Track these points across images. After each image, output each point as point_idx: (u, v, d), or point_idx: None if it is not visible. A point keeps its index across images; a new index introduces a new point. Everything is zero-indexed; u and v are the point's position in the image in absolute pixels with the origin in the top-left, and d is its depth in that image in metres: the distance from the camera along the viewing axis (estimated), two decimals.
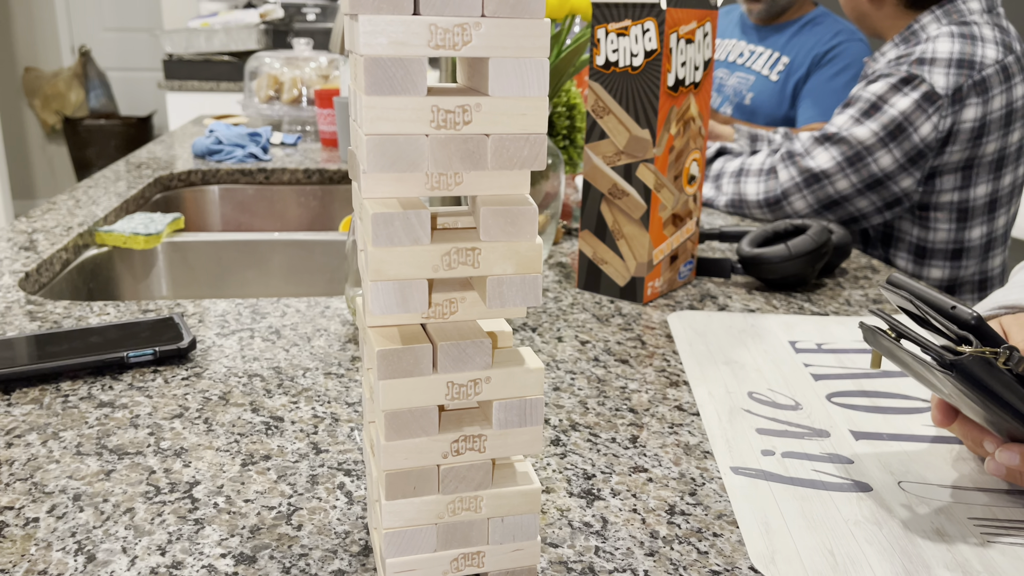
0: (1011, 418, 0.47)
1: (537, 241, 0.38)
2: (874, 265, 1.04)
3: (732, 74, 2.00)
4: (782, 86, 1.92)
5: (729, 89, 1.99)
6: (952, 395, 0.49)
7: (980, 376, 0.45)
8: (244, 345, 0.73)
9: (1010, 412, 0.47)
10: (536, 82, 0.36)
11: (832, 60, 1.88)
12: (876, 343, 0.52)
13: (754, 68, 1.97)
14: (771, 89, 1.93)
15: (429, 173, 0.36)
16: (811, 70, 1.90)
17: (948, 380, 0.46)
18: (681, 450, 0.58)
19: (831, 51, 1.88)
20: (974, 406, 0.48)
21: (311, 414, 0.61)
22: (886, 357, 0.53)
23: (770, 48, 1.97)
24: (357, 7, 0.33)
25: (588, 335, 0.79)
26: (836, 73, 1.87)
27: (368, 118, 0.34)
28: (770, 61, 1.95)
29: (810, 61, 1.90)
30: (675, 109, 0.83)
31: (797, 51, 1.93)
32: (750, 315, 0.84)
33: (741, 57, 2.00)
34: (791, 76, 1.91)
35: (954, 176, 1.21)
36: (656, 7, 0.78)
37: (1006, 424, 0.48)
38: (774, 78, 1.93)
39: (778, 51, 1.95)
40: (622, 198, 0.86)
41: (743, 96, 1.96)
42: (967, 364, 0.45)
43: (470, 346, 0.38)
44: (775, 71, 1.93)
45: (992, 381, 0.45)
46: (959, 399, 0.49)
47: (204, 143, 1.59)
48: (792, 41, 1.95)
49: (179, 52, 3.18)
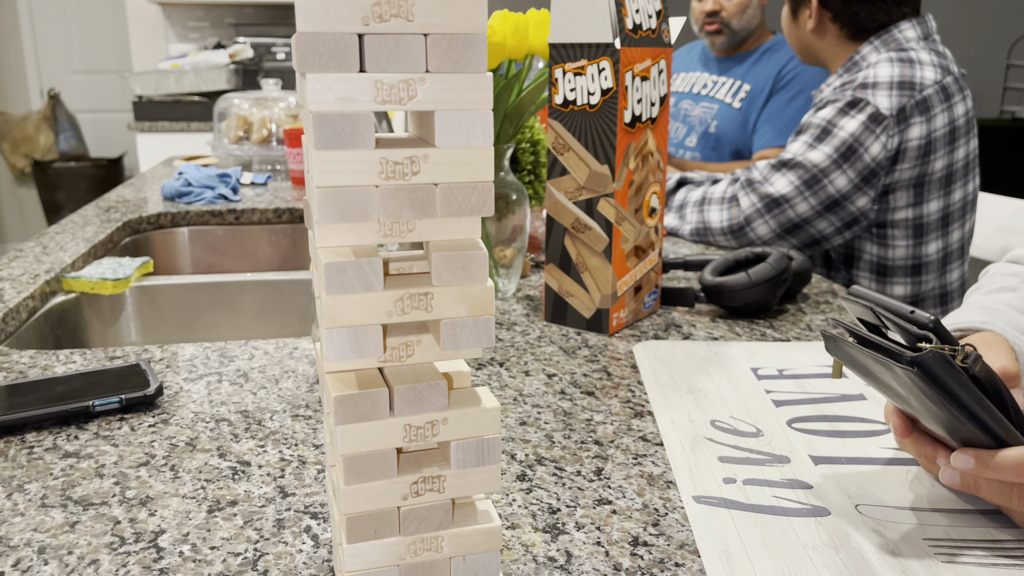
0: (967, 419, 0.48)
1: (488, 284, 0.39)
2: (834, 290, 1.07)
3: (697, 105, 2.05)
4: (745, 113, 1.98)
5: (694, 119, 2.05)
6: (911, 398, 0.50)
7: (939, 373, 0.46)
8: (212, 389, 0.74)
9: (966, 413, 0.48)
10: (481, 133, 0.37)
11: (788, 85, 1.95)
12: (838, 351, 0.53)
13: (717, 97, 2.03)
14: (734, 116, 1.99)
15: (381, 221, 0.37)
16: (771, 95, 1.95)
17: (908, 378, 0.47)
18: (645, 481, 0.58)
19: (787, 76, 1.95)
20: (932, 408, 0.49)
21: (278, 457, 0.61)
22: (847, 366, 0.54)
23: (732, 77, 2.04)
24: (305, 66, 0.34)
25: (555, 368, 0.80)
26: (792, 97, 1.93)
27: (318, 171, 0.35)
28: (732, 89, 2.01)
29: (770, 87, 1.96)
30: (633, 144, 0.85)
31: (757, 78, 1.99)
32: (714, 343, 0.86)
33: (705, 88, 2.06)
34: (753, 103, 1.97)
35: (906, 193, 1.25)
36: (611, 47, 0.81)
37: (961, 428, 0.49)
38: (737, 105, 1.98)
39: (739, 80, 2.02)
40: (585, 232, 0.87)
41: (708, 125, 2.02)
42: (927, 360, 0.46)
43: (426, 388, 0.39)
44: (737, 99, 1.99)
45: (950, 380, 0.47)
46: (917, 402, 0.50)
47: (173, 185, 1.59)
48: (752, 69, 2.01)
49: (149, 94, 3.18)
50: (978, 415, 0.47)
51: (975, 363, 0.46)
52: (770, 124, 1.94)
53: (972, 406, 0.47)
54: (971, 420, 0.47)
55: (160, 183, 1.81)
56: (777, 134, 1.92)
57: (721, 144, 2.00)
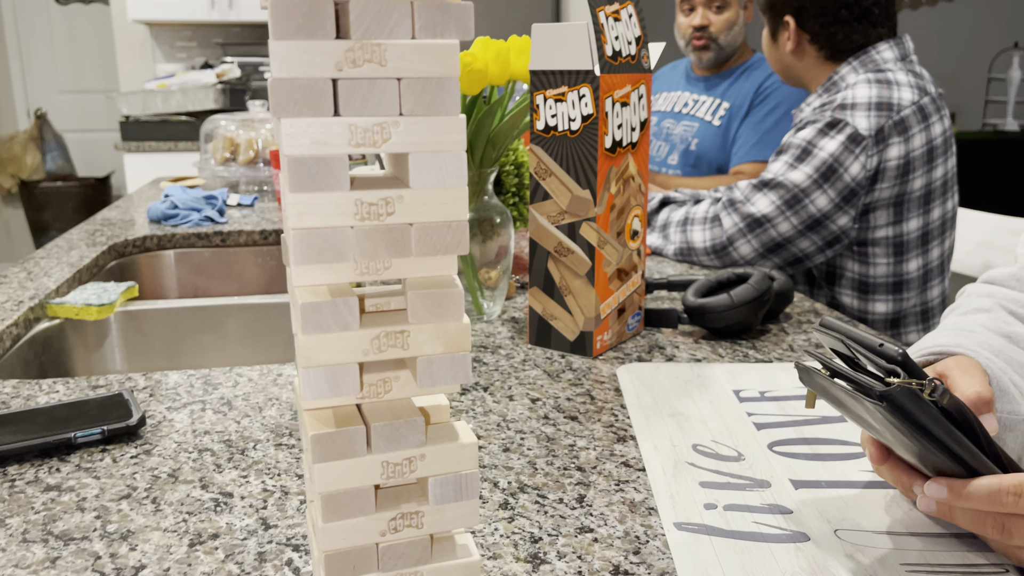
0: (938, 451, 0.49)
1: (464, 321, 0.39)
2: (816, 309, 1.08)
3: (678, 123, 2.10)
4: (724, 130, 2.02)
5: (676, 137, 2.09)
6: (884, 431, 0.51)
7: (908, 407, 0.47)
8: (195, 418, 0.74)
9: (936, 445, 0.48)
10: (455, 173, 0.37)
11: (765, 100, 2.00)
12: (811, 382, 0.54)
13: (698, 115, 2.07)
14: (714, 133, 2.03)
15: (357, 261, 0.38)
16: (749, 111, 2.00)
17: (879, 412, 0.48)
18: (627, 507, 0.59)
19: (765, 92, 2.00)
20: (904, 440, 0.50)
21: (261, 488, 0.61)
22: (821, 396, 0.55)
23: (712, 96, 2.08)
24: (280, 111, 0.35)
25: (539, 392, 0.80)
26: (768, 112, 1.98)
27: (293, 214, 0.36)
28: (712, 107, 2.06)
29: (749, 103, 2.01)
30: (614, 169, 0.86)
31: (736, 96, 2.04)
32: (696, 365, 0.86)
33: (686, 107, 2.11)
34: (732, 120, 2.02)
35: (886, 212, 1.26)
36: (590, 73, 0.82)
37: (934, 458, 0.50)
38: (716, 123, 2.03)
39: (719, 97, 2.06)
40: (568, 256, 0.88)
41: (689, 143, 2.06)
42: (896, 395, 0.47)
43: (403, 425, 0.39)
44: (717, 116, 2.03)
45: (919, 413, 0.47)
46: (890, 435, 0.51)
47: (159, 208, 1.59)
48: (732, 87, 2.06)
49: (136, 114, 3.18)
50: (949, 446, 0.48)
51: (943, 396, 0.47)
52: (747, 139, 1.98)
53: (942, 437, 0.48)
54: (942, 451, 0.48)
55: (147, 205, 1.81)
56: (754, 148, 1.96)
57: (701, 161, 2.04)
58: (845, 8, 1.32)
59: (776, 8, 1.39)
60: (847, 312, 1.37)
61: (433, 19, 0.35)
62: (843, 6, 1.32)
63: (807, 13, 1.35)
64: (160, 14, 3.47)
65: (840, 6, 1.32)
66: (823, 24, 1.34)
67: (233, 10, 3.52)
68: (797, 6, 1.36)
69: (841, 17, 1.33)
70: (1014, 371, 0.66)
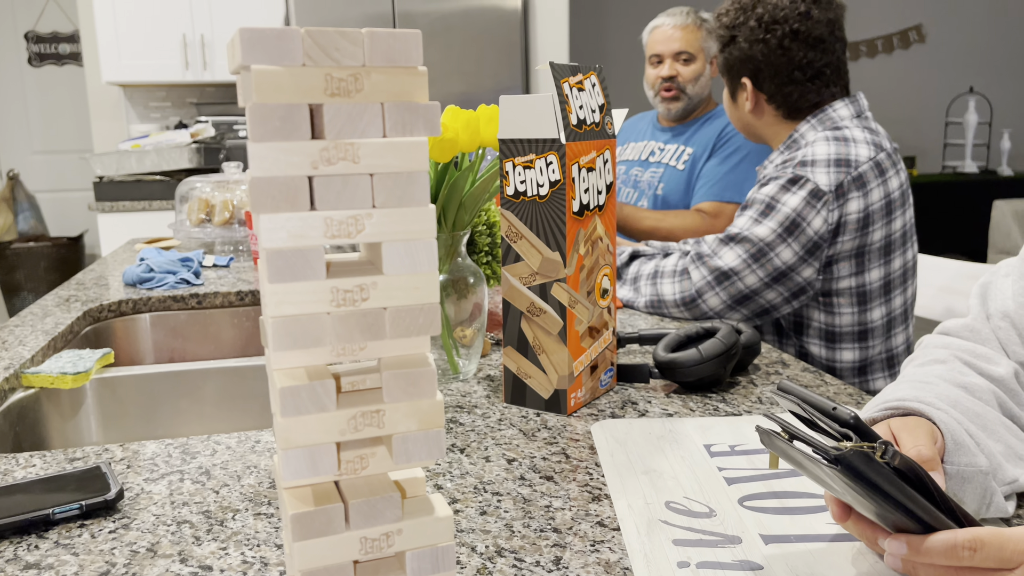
0: (894, 509, 0.51)
1: (438, 398, 0.41)
2: (784, 359, 1.10)
3: (646, 171, 2.22)
4: (688, 174, 2.14)
5: (644, 184, 2.22)
6: (843, 492, 0.53)
7: (862, 469, 0.49)
8: (173, 489, 0.74)
9: (892, 503, 0.51)
10: (426, 260, 0.40)
11: (725, 145, 2.11)
12: (772, 445, 0.56)
13: (663, 161, 2.19)
14: (679, 177, 2.15)
15: (334, 344, 0.39)
16: (711, 155, 2.13)
17: (836, 475, 0.50)
18: (602, 568, 0.60)
19: (725, 136, 2.12)
20: (862, 500, 0.52)
21: (240, 560, 0.62)
22: (782, 458, 0.57)
23: (677, 143, 2.21)
24: (259, 208, 0.37)
25: (515, 452, 0.81)
26: (726, 157, 2.09)
27: (272, 302, 0.38)
28: (676, 153, 2.18)
29: (710, 148, 2.13)
30: (582, 231, 0.89)
31: (699, 142, 2.16)
32: (668, 420, 0.88)
33: (652, 155, 2.23)
34: (696, 164, 2.13)
35: (849, 263, 1.31)
36: (556, 142, 0.85)
37: (891, 516, 0.52)
38: (681, 167, 2.14)
39: (683, 144, 2.19)
40: (540, 315, 0.90)
41: (656, 187, 2.18)
42: (849, 458, 0.49)
43: (380, 501, 0.41)
44: (681, 161, 2.15)
45: (873, 474, 0.50)
46: (849, 495, 0.53)
47: (135, 272, 1.60)
48: (696, 135, 2.19)
49: (110, 174, 3.19)
50: (904, 504, 0.50)
51: (894, 457, 0.49)
52: (708, 180, 2.09)
53: (897, 496, 0.50)
54: (898, 509, 0.50)
55: (121, 267, 1.81)
56: (714, 188, 2.07)
57: (668, 204, 2.16)
58: (798, 70, 1.38)
59: (733, 70, 1.45)
60: (815, 361, 1.40)
61: (403, 118, 0.38)
62: (796, 68, 1.38)
63: (762, 75, 1.41)
64: (134, 76, 3.51)
65: (793, 68, 1.38)
66: (778, 85, 1.40)
67: (207, 71, 3.57)
68: (752, 68, 1.41)
69: (795, 78, 1.39)
70: (971, 421, 0.69)
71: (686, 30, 2.17)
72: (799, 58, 1.37)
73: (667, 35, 2.18)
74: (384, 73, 0.37)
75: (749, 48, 1.40)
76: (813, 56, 1.37)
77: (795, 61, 1.37)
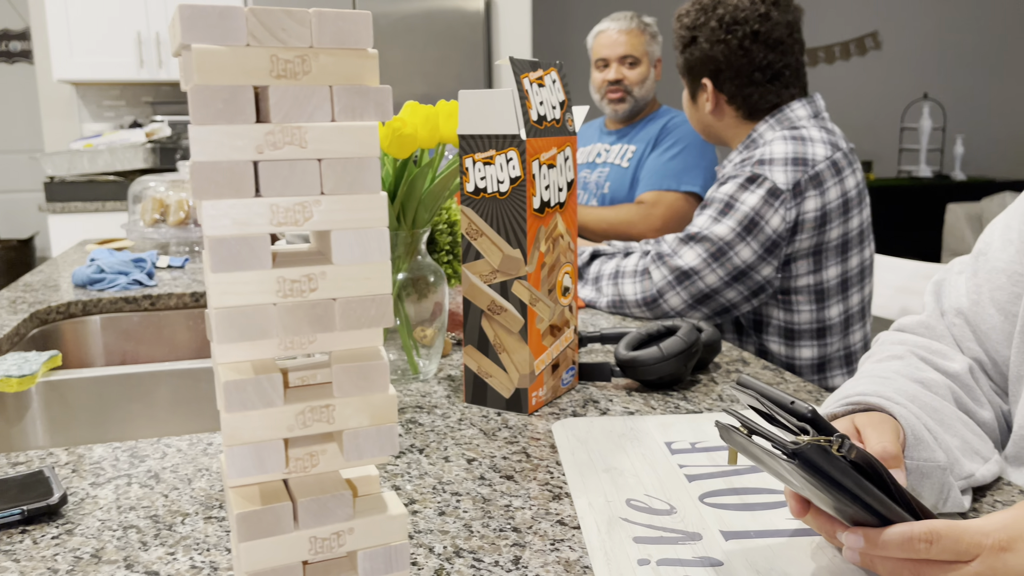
0: (851, 503, 0.51)
1: (391, 393, 0.40)
2: (744, 357, 1.11)
3: (593, 171, 2.29)
4: (633, 170, 2.20)
5: (592, 184, 2.28)
6: (801, 486, 0.53)
7: (819, 463, 0.49)
8: (120, 494, 0.71)
9: (849, 497, 0.51)
10: (377, 249, 0.38)
11: (665, 138, 2.19)
12: (731, 440, 0.56)
13: (609, 161, 2.26)
14: (623, 175, 2.21)
15: (281, 337, 0.38)
16: (654, 148, 2.20)
17: (793, 469, 0.50)
18: (562, 567, 0.59)
19: (667, 131, 2.20)
20: (820, 494, 0.52)
21: (189, 565, 0.60)
22: (741, 453, 0.57)
23: (622, 143, 2.28)
24: (201, 194, 0.35)
25: (475, 452, 0.80)
26: (666, 148, 2.16)
27: (215, 293, 0.36)
28: (621, 152, 2.24)
29: (652, 143, 2.20)
30: (543, 229, 0.88)
31: (642, 140, 2.23)
32: (630, 418, 0.88)
33: (599, 156, 2.31)
34: (640, 160, 2.20)
35: (807, 261, 1.32)
36: (517, 138, 0.84)
37: (848, 510, 0.52)
38: (625, 165, 2.21)
39: (628, 143, 2.26)
40: (500, 314, 0.89)
41: (603, 187, 2.25)
42: (806, 452, 0.49)
43: (331, 500, 0.39)
44: (625, 159, 2.22)
45: (830, 468, 0.49)
46: (807, 489, 0.53)
47: (85, 272, 1.55)
48: (639, 134, 2.25)
49: (61, 174, 3.11)
50: (861, 497, 0.50)
51: (851, 451, 0.49)
52: (648, 171, 2.16)
53: (854, 490, 0.50)
54: (855, 502, 0.50)
55: (72, 269, 1.76)
56: (655, 178, 2.13)
57: (615, 202, 2.22)
58: (758, 71, 1.39)
59: (694, 71, 1.46)
60: (775, 358, 1.41)
61: (352, 102, 0.36)
62: (756, 69, 1.39)
63: (723, 76, 1.42)
64: (87, 74, 3.43)
65: (754, 69, 1.39)
66: (739, 86, 1.41)
67: (163, 69, 3.50)
68: (713, 69, 1.42)
69: (755, 79, 1.40)
70: (928, 416, 0.69)
71: (631, 34, 2.22)
72: (759, 59, 1.38)
73: (612, 39, 2.22)
74: (333, 55, 0.36)
75: (710, 48, 1.41)
76: (773, 57, 1.38)
77: (755, 62, 1.39)
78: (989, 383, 0.80)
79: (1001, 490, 0.71)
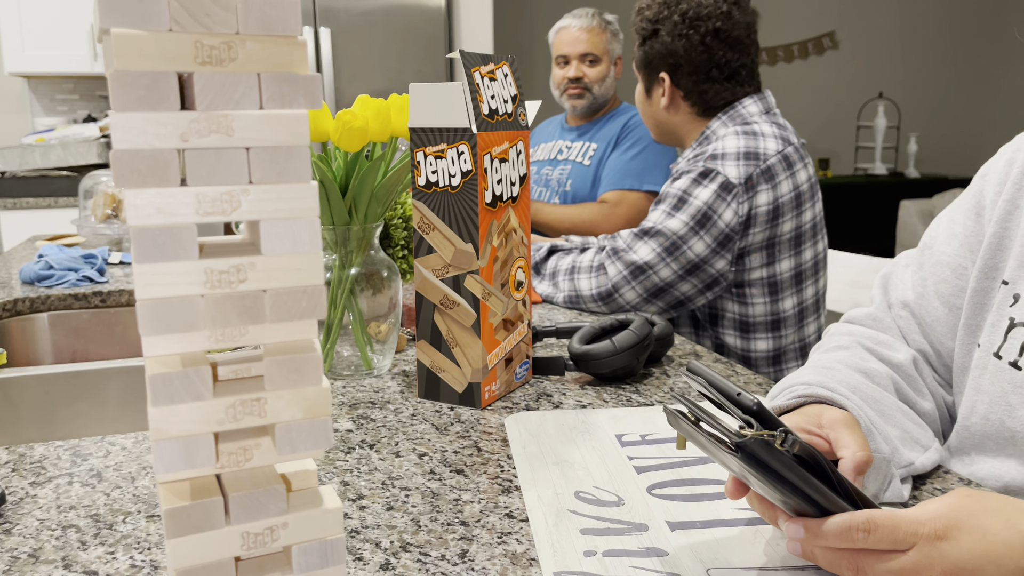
0: (793, 494, 0.52)
1: (324, 385, 0.39)
2: (698, 351, 1.12)
3: (555, 169, 2.29)
4: (594, 169, 2.21)
5: (554, 182, 2.28)
6: (746, 476, 0.54)
7: (762, 456, 0.50)
8: (60, 493, 0.70)
9: (791, 489, 0.51)
10: (308, 239, 0.38)
11: (626, 137, 2.20)
12: (678, 426, 0.56)
13: (571, 159, 2.26)
14: (585, 173, 2.21)
15: (211, 329, 0.37)
16: (614, 148, 2.20)
17: (737, 461, 0.50)
18: (508, 560, 0.59)
19: (628, 129, 2.21)
20: (763, 485, 0.53)
21: (128, 564, 0.59)
22: (688, 439, 0.57)
23: (583, 140, 2.28)
24: (123, 182, 0.34)
25: (426, 446, 0.80)
26: (628, 147, 2.18)
27: (140, 284, 0.35)
28: (583, 150, 2.25)
29: (614, 142, 2.21)
30: (495, 223, 0.88)
31: (603, 138, 2.24)
32: (582, 411, 0.88)
33: (560, 154, 2.31)
34: (601, 159, 2.21)
35: (760, 254, 1.34)
36: (468, 131, 0.84)
37: (791, 501, 0.53)
38: (587, 163, 2.22)
39: (589, 141, 2.26)
40: (453, 308, 0.89)
41: (564, 184, 2.25)
42: (749, 445, 0.49)
43: (263, 494, 0.39)
44: (587, 157, 2.22)
45: (773, 461, 0.50)
46: (752, 479, 0.53)
47: (33, 269, 1.52)
48: (600, 131, 2.26)
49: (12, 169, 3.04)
50: (803, 490, 0.51)
51: (794, 445, 0.49)
52: (610, 171, 2.17)
53: (796, 482, 0.50)
54: (797, 494, 0.51)
55: (19, 265, 1.72)
56: (616, 177, 2.14)
57: (576, 199, 2.22)
58: (717, 68, 1.40)
59: (652, 64, 1.47)
60: (731, 351, 1.42)
61: (280, 90, 0.36)
62: (715, 66, 1.40)
63: (682, 71, 1.43)
64: (39, 67, 3.34)
65: (712, 66, 1.40)
66: (696, 82, 1.42)
67: None
68: (673, 63, 1.43)
69: (712, 76, 1.41)
70: (870, 407, 0.71)
71: (591, 32, 2.22)
72: (719, 56, 1.40)
73: (573, 37, 2.22)
74: (260, 42, 0.35)
75: (672, 42, 1.42)
76: (731, 56, 1.40)
77: (715, 59, 1.40)
78: (933, 374, 0.82)
79: (941, 478, 0.72)
